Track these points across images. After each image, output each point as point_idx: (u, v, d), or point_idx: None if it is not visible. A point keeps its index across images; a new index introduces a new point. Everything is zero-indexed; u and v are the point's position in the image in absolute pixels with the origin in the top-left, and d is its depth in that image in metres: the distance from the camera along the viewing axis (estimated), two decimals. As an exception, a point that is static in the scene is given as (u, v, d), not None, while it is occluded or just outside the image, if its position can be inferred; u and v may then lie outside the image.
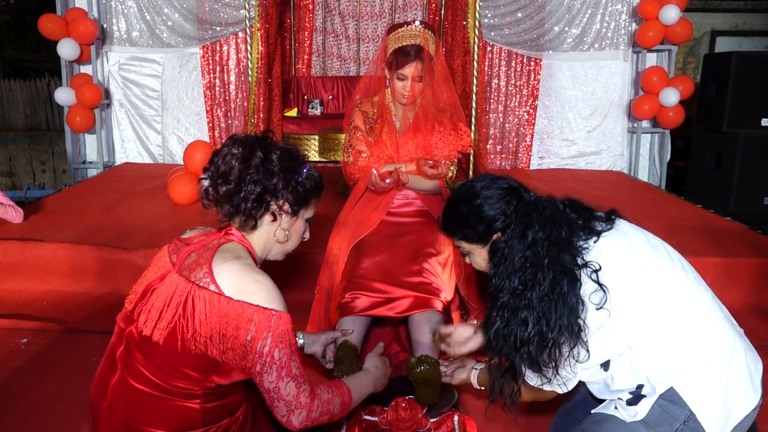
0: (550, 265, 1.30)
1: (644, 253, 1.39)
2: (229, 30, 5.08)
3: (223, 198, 1.39)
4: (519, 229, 1.34)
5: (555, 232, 1.33)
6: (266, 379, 1.29)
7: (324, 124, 4.96)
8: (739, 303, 2.95)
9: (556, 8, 5.11)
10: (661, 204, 4.26)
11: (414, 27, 2.30)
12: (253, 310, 1.27)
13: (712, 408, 1.30)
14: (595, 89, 5.29)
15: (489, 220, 1.40)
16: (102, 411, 1.37)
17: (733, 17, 8.24)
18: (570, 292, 1.29)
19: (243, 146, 1.39)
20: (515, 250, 1.33)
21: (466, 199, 1.44)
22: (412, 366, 1.82)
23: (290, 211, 1.44)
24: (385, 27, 5.70)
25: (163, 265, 1.40)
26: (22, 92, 8.81)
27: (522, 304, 1.31)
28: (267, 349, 1.27)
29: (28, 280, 3.01)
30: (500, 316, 1.34)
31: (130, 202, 3.98)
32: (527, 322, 1.30)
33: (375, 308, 2.14)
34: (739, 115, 4.74)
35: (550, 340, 1.29)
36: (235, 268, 1.31)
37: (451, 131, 2.38)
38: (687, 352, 1.33)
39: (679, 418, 1.31)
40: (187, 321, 1.27)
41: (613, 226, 1.42)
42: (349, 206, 2.46)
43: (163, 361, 1.30)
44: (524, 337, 1.31)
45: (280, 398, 1.30)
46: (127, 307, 1.40)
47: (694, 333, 1.34)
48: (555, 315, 1.28)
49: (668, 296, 1.36)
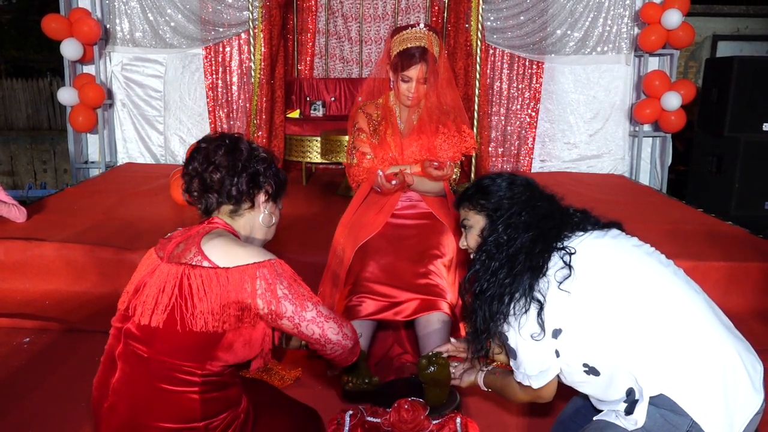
0: (531, 234, 1.44)
1: (626, 253, 1.44)
2: (232, 31, 5.09)
3: (216, 184, 1.45)
4: (519, 211, 1.49)
5: (545, 222, 1.46)
6: (308, 329, 1.38)
7: (326, 125, 4.96)
8: (741, 307, 2.96)
9: (559, 12, 5.12)
10: (662, 208, 4.27)
11: (418, 29, 2.31)
12: (252, 267, 1.32)
13: (714, 414, 1.29)
14: (597, 93, 5.30)
15: (504, 195, 1.54)
16: (104, 411, 1.38)
17: (734, 22, 8.25)
18: (539, 259, 1.41)
19: (221, 140, 1.48)
20: (506, 224, 1.48)
21: (493, 176, 1.60)
22: (423, 367, 1.83)
23: (272, 195, 1.53)
24: (388, 29, 5.71)
25: (150, 262, 1.44)
26: (24, 92, 8.82)
27: (494, 261, 1.45)
28: (284, 292, 1.34)
29: (30, 280, 3.02)
30: (477, 262, 1.49)
31: (131, 202, 3.99)
32: (495, 274, 1.44)
33: (381, 312, 2.15)
34: (741, 119, 4.75)
35: (506, 293, 1.41)
36: (222, 241, 1.37)
37: (455, 133, 2.38)
38: (676, 356, 1.32)
39: (681, 427, 1.30)
40: (185, 300, 1.30)
41: (607, 232, 1.48)
42: (353, 208, 2.46)
43: (164, 345, 1.31)
44: (484, 286, 1.45)
45: (328, 341, 1.41)
46: (120, 308, 1.43)
47: (683, 337, 1.33)
48: (520, 272, 1.40)
49: (651, 298, 1.36)
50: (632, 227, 1.66)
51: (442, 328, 2.12)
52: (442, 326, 2.12)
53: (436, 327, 2.11)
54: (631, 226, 1.64)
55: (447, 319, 2.15)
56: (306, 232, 3.36)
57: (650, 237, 1.61)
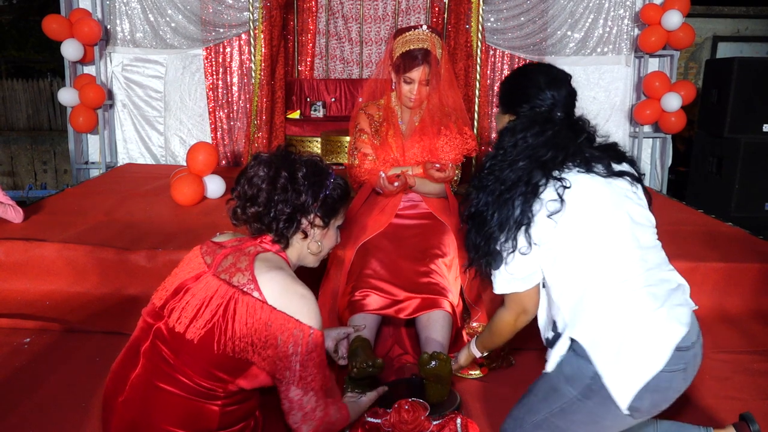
0: (530, 158, 1.47)
1: (610, 204, 1.48)
2: (233, 32, 5.09)
3: (252, 219, 1.44)
4: (538, 122, 1.52)
5: (553, 144, 1.48)
6: (292, 391, 1.36)
7: (326, 126, 4.97)
8: (740, 308, 2.96)
9: (559, 13, 5.12)
10: (663, 209, 4.26)
11: (421, 31, 2.32)
12: (293, 323, 1.32)
13: (610, 364, 1.33)
14: (597, 94, 5.30)
15: (534, 95, 1.67)
16: (117, 404, 1.36)
17: (734, 23, 8.26)
18: (535, 180, 1.45)
19: (268, 167, 1.42)
20: (518, 130, 1.52)
21: (534, 69, 1.75)
22: (424, 362, 1.85)
23: (321, 224, 1.49)
24: (388, 30, 5.72)
25: (196, 265, 1.42)
26: (25, 92, 8.82)
27: (495, 174, 1.49)
28: (299, 363, 1.32)
29: (31, 280, 3.01)
30: (479, 179, 1.53)
31: (132, 202, 3.99)
32: (493, 191, 1.48)
33: (384, 309, 2.15)
34: (741, 120, 4.75)
35: (504, 208, 1.45)
36: (280, 278, 1.35)
37: (457, 135, 2.39)
38: (593, 301, 1.40)
39: (586, 374, 1.37)
40: (226, 323, 1.30)
41: (609, 173, 1.51)
42: (355, 208, 2.47)
43: (192, 359, 1.31)
44: (482, 203, 1.50)
45: (301, 408, 1.37)
46: (156, 303, 1.41)
47: (605, 285, 1.40)
48: (516, 192, 1.45)
49: (605, 254, 1.43)
50: (632, 228, 1.67)
51: (444, 325, 2.13)
52: (443, 324, 2.12)
53: (438, 325, 2.12)
54: (631, 227, 1.65)
55: (448, 317, 2.15)
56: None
57: (650, 238, 1.61)
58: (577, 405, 1.39)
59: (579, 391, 1.39)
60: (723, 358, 2.42)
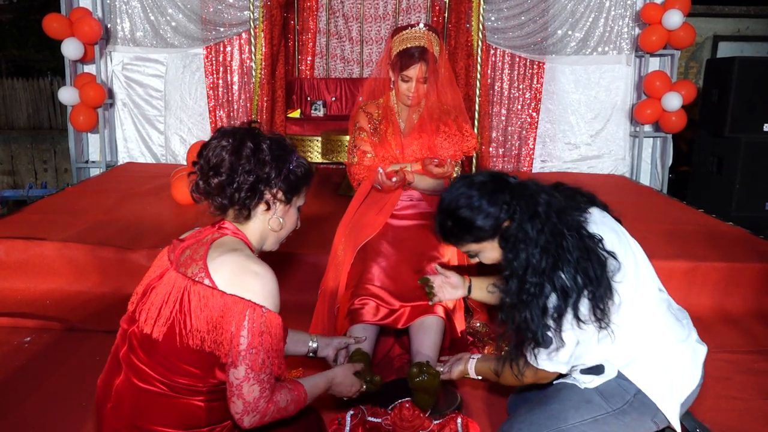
0: (570, 229, 1.40)
1: (628, 242, 1.54)
2: (233, 31, 5.09)
3: (215, 190, 1.38)
4: (528, 211, 1.41)
5: (555, 202, 1.43)
6: (233, 373, 1.27)
7: (327, 125, 4.96)
8: (741, 308, 2.96)
9: (560, 12, 5.12)
10: (663, 208, 4.26)
11: (418, 29, 2.31)
12: (245, 304, 1.26)
13: (659, 389, 1.48)
14: (597, 93, 5.30)
15: (495, 213, 1.44)
16: (106, 411, 1.37)
17: (735, 22, 8.24)
18: (596, 247, 1.40)
19: (232, 137, 1.38)
20: (530, 228, 1.39)
21: (462, 205, 1.46)
22: (413, 375, 1.84)
23: (284, 199, 1.44)
24: (389, 29, 5.71)
25: (161, 264, 1.42)
26: (25, 91, 8.82)
27: (556, 271, 1.36)
28: (244, 345, 1.26)
29: (31, 279, 3.02)
30: (531, 288, 1.38)
31: (132, 201, 3.99)
32: (564, 284, 1.36)
33: (383, 320, 2.16)
34: (741, 120, 4.75)
35: (590, 293, 1.37)
36: (231, 260, 1.31)
37: (456, 132, 2.38)
38: (640, 343, 1.49)
39: (629, 392, 1.48)
40: (184, 316, 1.28)
41: (595, 210, 1.56)
42: (354, 207, 2.46)
43: (164, 358, 1.30)
44: (556, 301, 1.37)
45: (240, 396, 1.27)
46: (129, 309, 1.42)
47: (646, 325, 1.50)
48: (591, 269, 1.37)
49: (643, 295, 1.51)
50: (633, 228, 1.68)
51: (436, 331, 2.14)
52: (435, 330, 2.13)
53: (430, 331, 2.12)
54: (631, 227, 1.66)
55: (441, 322, 2.16)
56: (306, 232, 3.33)
57: (650, 237, 1.64)
58: (613, 418, 1.49)
59: (618, 406, 1.49)
60: (724, 358, 2.42)
